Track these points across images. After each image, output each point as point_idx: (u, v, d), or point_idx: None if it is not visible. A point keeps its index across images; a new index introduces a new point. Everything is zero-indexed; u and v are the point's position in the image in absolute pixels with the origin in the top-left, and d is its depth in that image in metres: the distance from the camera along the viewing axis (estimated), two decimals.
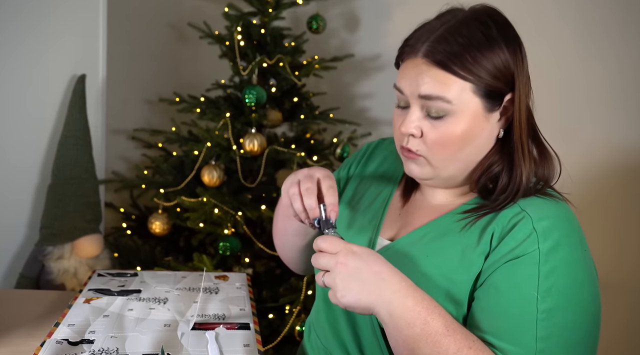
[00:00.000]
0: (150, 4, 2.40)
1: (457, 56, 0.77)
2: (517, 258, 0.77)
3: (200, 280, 1.21)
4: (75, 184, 1.89)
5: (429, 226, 0.87)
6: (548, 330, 0.74)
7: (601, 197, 1.79)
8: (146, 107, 2.42)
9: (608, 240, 1.78)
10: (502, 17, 0.85)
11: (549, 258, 0.76)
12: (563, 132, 1.85)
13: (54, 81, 1.92)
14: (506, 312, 0.76)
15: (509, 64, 0.80)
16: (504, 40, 0.80)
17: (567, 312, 0.76)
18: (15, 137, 1.86)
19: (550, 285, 0.76)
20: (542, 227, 0.78)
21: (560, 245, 0.77)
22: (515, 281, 0.77)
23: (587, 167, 1.80)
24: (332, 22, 2.35)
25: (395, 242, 0.90)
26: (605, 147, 1.78)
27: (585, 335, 0.78)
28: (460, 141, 0.80)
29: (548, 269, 0.76)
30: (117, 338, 0.92)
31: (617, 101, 1.77)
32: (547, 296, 0.75)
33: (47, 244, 1.84)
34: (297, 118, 2.08)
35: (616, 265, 1.76)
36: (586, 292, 0.78)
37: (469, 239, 0.82)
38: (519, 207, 0.81)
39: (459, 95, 0.78)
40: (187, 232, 2.09)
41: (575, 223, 0.82)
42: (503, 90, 0.81)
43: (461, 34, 0.78)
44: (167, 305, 1.06)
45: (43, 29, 1.86)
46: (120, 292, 1.12)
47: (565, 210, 0.83)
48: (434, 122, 0.80)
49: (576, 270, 0.78)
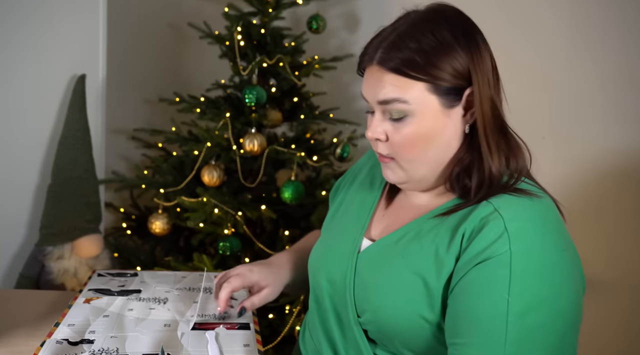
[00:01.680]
0: (150, 4, 2.40)
1: (409, 60, 0.79)
2: (488, 259, 0.74)
3: (200, 280, 1.21)
4: (75, 184, 1.89)
5: (407, 227, 0.87)
6: (518, 334, 0.71)
7: (595, 198, 1.79)
8: (146, 107, 2.42)
9: (602, 240, 1.78)
10: (455, 14, 0.84)
11: (521, 259, 0.73)
12: (558, 133, 1.85)
13: (54, 81, 1.92)
14: (475, 315, 0.74)
15: (463, 61, 0.80)
16: (455, 37, 0.80)
17: (540, 316, 0.72)
18: (15, 137, 1.86)
19: (523, 287, 0.72)
20: (514, 228, 0.75)
21: (534, 246, 0.75)
22: (485, 283, 0.74)
23: (582, 168, 1.80)
24: (332, 22, 2.35)
25: (376, 243, 0.90)
26: (601, 149, 1.78)
27: (559, 340, 0.74)
28: (423, 140, 0.82)
29: (520, 270, 0.73)
30: (117, 338, 0.92)
31: (610, 103, 1.77)
32: (518, 299, 0.72)
33: (47, 244, 1.84)
34: (297, 118, 2.08)
35: (611, 265, 1.77)
36: (563, 296, 0.74)
37: (442, 239, 0.81)
38: (492, 206, 0.78)
39: (415, 95, 0.80)
40: (187, 232, 2.09)
41: (552, 222, 0.79)
42: (460, 86, 0.81)
43: (412, 37, 0.80)
44: (167, 305, 1.06)
45: (43, 29, 1.86)
46: (120, 292, 1.12)
47: (541, 208, 0.79)
48: (396, 125, 0.82)
49: (552, 272, 0.74)
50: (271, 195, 2.02)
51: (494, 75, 0.84)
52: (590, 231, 1.78)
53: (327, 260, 0.96)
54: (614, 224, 1.79)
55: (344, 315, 0.90)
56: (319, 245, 1.03)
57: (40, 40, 1.86)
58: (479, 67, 0.81)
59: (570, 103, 1.84)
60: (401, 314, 0.81)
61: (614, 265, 1.76)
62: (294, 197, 1.81)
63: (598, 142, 1.79)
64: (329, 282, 0.94)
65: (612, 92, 1.77)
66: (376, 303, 0.84)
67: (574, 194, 1.80)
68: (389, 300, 0.82)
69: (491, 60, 0.84)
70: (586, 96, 1.82)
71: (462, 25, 0.83)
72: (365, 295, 0.86)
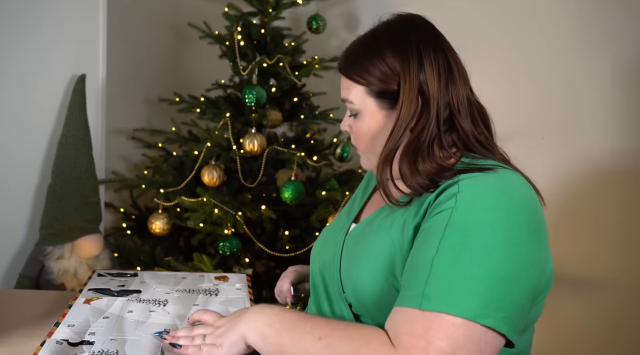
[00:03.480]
0: (150, 4, 2.40)
1: (352, 65, 0.91)
2: (436, 214, 0.77)
3: (200, 281, 1.21)
4: (75, 183, 1.89)
5: (384, 207, 0.92)
6: (435, 271, 0.72)
7: (595, 198, 1.79)
8: (146, 107, 2.42)
9: (602, 240, 1.78)
10: (404, 25, 0.90)
11: (462, 212, 0.75)
12: (557, 133, 1.85)
13: (54, 81, 1.92)
14: (410, 262, 0.78)
15: (394, 69, 0.86)
16: (390, 45, 0.88)
17: (462, 259, 0.72)
18: (16, 137, 1.86)
19: (457, 240, 0.73)
20: (466, 185, 0.77)
21: (481, 203, 0.75)
22: (426, 235, 0.77)
23: (582, 168, 1.80)
24: (332, 22, 2.35)
25: (359, 224, 0.97)
26: (601, 149, 1.78)
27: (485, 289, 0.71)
28: (368, 136, 0.92)
29: (457, 221, 0.74)
30: (117, 341, 0.92)
31: (610, 103, 1.77)
32: (448, 248, 0.73)
33: (47, 244, 1.84)
34: (297, 118, 2.08)
35: (611, 265, 1.77)
36: (497, 253, 0.72)
37: (410, 212, 0.84)
38: (457, 178, 0.80)
39: (357, 96, 0.91)
40: (187, 232, 2.09)
41: (511, 191, 0.78)
42: (394, 90, 0.87)
43: (360, 44, 0.93)
44: (167, 308, 1.06)
45: (43, 29, 1.86)
46: (120, 292, 1.12)
47: (504, 178, 0.79)
48: (353, 121, 0.95)
49: (493, 231, 0.73)
50: (271, 195, 2.02)
51: (441, 80, 0.86)
52: (590, 231, 1.78)
53: (321, 247, 1.03)
54: (613, 224, 1.79)
55: (333, 293, 0.95)
56: (317, 240, 1.09)
57: (40, 40, 1.86)
58: (410, 76, 0.85)
59: (569, 103, 1.84)
60: (374, 282, 0.85)
61: (614, 265, 1.76)
62: (294, 197, 1.81)
63: (597, 142, 1.79)
64: (322, 265, 0.99)
65: (612, 93, 1.77)
66: (354, 274, 0.89)
67: (573, 194, 1.80)
68: (363, 270, 0.86)
69: (439, 67, 0.86)
70: (586, 97, 1.82)
71: (406, 36, 0.88)
72: (348, 269, 0.91)
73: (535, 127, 1.85)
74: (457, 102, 0.87)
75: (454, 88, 0.87)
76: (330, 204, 1.88)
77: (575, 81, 1.83)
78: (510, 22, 1.94)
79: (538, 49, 1.89)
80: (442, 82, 0.86)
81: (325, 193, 1.89)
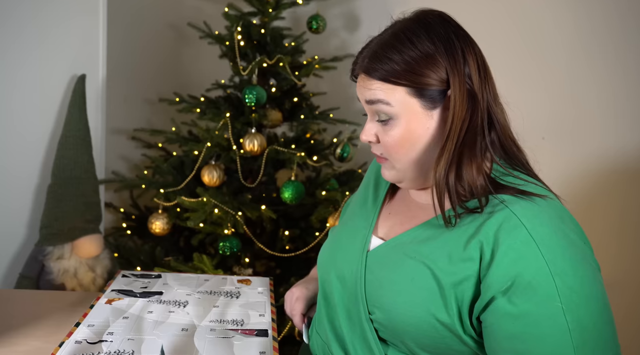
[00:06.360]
0: (150, 4, 2.40)
1: (391, 69, 0.83)
2: (528, 282, 0.75)
3: (222, 283, 1.21)
4: (75, 184, 1.89)
5: (417, 229, 0.88)
6: (582, 337, 0.74)
7: (595, 198, 1.79)
8: (146, 107, 2.42)
9: (604, 241, 1.78)
10: (436, 20, 0.87)
11: (557, 266, 0.75)
12: (557, 133, 1.85)
13: (54, 81, 1.92)
14: (537, 335, 0.75)
15: (440, 65, 0.83)
16: (433, 43, 0.83)
17: (591, 312, 0.75)
18: (16, 137, 1.86)
19: (570, 293, 0.75)
20: (540, 235, 0.76)
21: (564, 252, 0.76)
22: (534, 301, 0.75)
23: (581, 168, 1.80)
24: (332, 22, 2.35)
25: (386, 243, 0.91)
26: (601, 149, 1.78)
27: (610, 326, 0.78)
28: (408, 141, 0.86)
29: (563, 281, 0.75)
30: (134, 341, 0.92)
31: (609, 103, 1.77)
32: (570, 306, 0.74)
33: (47, 244, 1.84)
34: (297, 118, 2.08)
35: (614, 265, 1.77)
36: (597, 286, 0.78)
37: (456, 244, 0.81)
38: (508, 211, 0.78)
39: (397, 98, 0.84)
40: (187, 232, 2.09)
41: (568, 221, 0.81)
42: (439, 89, 0.84)
43: (393, 46, 0.84)
44: (187, 309, 1.06)
45: (43, 29, 1.86)
46: (142, 294, 1.12)
47: (556, 209, 0.81)
48: (383, 127, 0.87)
49: (585, 268, 0.77)
50: (271, 195, 2.02)
51: (481, 73, 0.85)
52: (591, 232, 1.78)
53: (336, 257, 0.98)
54: (614, 224, 1.79)
55: (354, 312, 0.91)
56: (327, 243, 1.05)
57: (40, 41, 1.86)
58: (458, 70, 0.83)
59: (569, 104, 1.84)
60: (414, 313, 0.81)
61: (617, 266, 1.76)
62: (294, 197, 1.81)
63: (597, 143, 1.79)
64: (339, 279, 0.95)
65: (611, 93, 1.77)
66: (389, 301, 0.85)
67: (573, 194, 1.80)
68: (401, 300, 0.83)
69: (477, 60, 0.85)
70: (585, 97, 1.82)
71: (443, 31, 0.85)
72: (377, 293, 0.87)
73: (535, 127, 1.85)
74: (494, 96, 0.86)
75: (490, 82, 0.86)
76: (330, 204, 1.88)
77: (575, 81, 1.83)
78: (510, 22, 1.94)
79: (539, 49, 1.89)
80: (482, 75, 0.85)
81: (325, 193, 1.89)
